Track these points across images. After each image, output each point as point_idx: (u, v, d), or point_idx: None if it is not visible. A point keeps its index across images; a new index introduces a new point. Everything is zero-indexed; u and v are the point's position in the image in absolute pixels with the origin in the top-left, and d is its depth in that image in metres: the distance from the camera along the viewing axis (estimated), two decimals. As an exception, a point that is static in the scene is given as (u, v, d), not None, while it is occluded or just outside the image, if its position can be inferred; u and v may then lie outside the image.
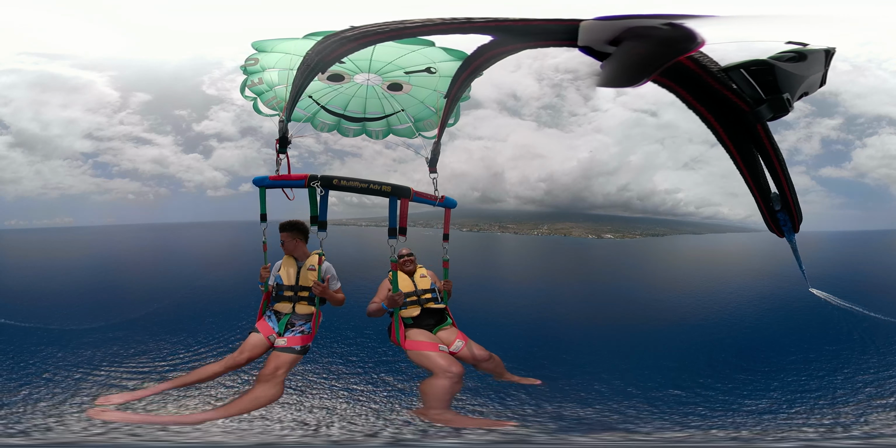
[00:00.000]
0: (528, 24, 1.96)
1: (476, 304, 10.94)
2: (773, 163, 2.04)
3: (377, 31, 2.34)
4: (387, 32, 2.33)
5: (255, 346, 3.95)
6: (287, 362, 3.81)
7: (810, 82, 1.93)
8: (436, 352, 3.88)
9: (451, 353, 3.99)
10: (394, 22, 2.29)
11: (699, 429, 5.07)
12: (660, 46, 1.67)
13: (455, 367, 3.73)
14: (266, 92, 4.61)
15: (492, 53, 2.31)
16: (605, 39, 1.78)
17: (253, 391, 3.63)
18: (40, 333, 8.32)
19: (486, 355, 4.14)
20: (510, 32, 2.06)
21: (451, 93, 2.93)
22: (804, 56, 1.86)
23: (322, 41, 2.74)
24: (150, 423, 3.38)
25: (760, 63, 1.81)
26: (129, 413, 3.49)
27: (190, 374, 3.86)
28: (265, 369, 3.74)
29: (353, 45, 2.58)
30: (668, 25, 1.66)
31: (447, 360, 3.82)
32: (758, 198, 2.16)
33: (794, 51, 1.86)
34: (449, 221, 4.64)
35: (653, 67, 1.68)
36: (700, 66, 1.78)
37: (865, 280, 15.08)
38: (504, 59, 2.36)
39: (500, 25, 2.03)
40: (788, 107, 1.85)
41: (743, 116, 1.87)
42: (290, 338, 3.97)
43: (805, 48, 1.88)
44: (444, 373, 3.69)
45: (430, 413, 3.59)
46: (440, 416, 3.57)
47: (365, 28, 2.39)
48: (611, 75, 1.78)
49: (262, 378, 3.69)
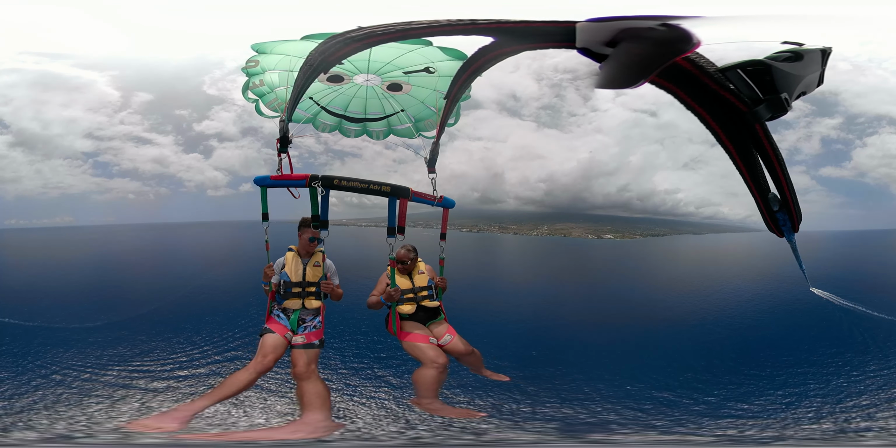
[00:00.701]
0: (527, 26, 1.98)
1: (476, 303, 10.95)
2: (772, 163, 2.04)
3: (383, 32, 2.36)
4: (392, 33, 2.35)
5: (277, 346, 3.99)
6: (314, 357, 3.99)
7: (808, 82, 1.94)
8: (426, 344, 4.19)
9: (440, 346, 4.27)
10: (401, 23, 2.31)
11: (696, 427, 5.08)
12: (656, 47, 1.68)
13: (441, 359, 4.07)
14: (267, 93, 4.64)
15: (492, 55, 2.32)
16: (601, 41, 1.78)
17: (306, 391, 3.74)
18: (44, 333, 8.35)
19: (468, 350, 4.38)
20: (511, 34, 2.08)
21: (451, 93, 2.94)
22: (801, 56, 1.86)
23: (326, 41, 2.75)
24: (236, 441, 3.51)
25: (757, 63, 1.82)
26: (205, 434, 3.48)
27: (223, 387, 3.73)
28: (297, 368, 3.86)
29: (357, 46, 2.60)
30: (663, 26, 1.67)
31: (435, 351, 4.14)
32: (757, 198, 2.17)
33: (790, 51, 1.87)
34: (447, 221, 4.70)
35: (650, 69, 1.69)
36: (697, 67, 1.79)
37: (866, 279, 15.08)
38: (503, 60, 2.38)
39: (501, 27, 2.05)
40: (787, 106, 1.86)
41: (741, 117, 1.88)
42: (307, 334, 4.10)
43: (801, 48, 1.89)
44: (432, 363, 4.03)
45: (422, 402, 3.93)
46: (429, 405, 3.91)
47: (371, 28, 2.41)
48: (609, 76, 1.79)
49: (300, 377, 3.82)
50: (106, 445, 3.99)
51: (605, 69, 1.80)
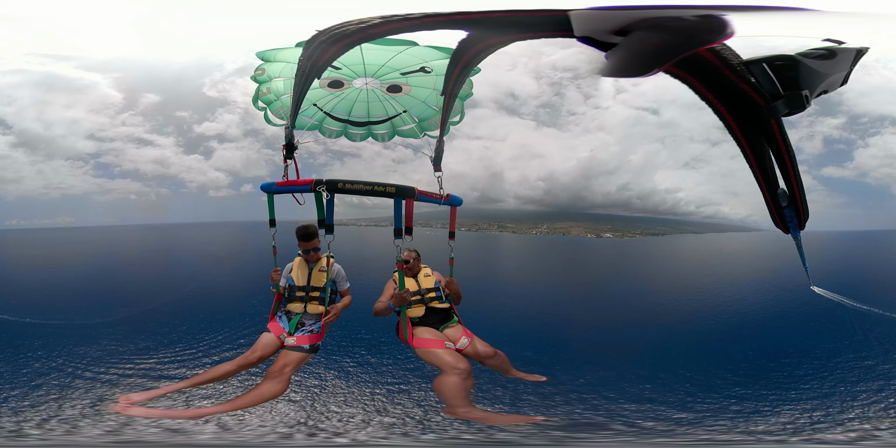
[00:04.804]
0: (512, 16, 1.90)
1: (475, 303, 10.95)
2: (783, 159, 2.01)
3: (346, 34, 2.29)
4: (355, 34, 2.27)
5: (267, 345, 4.10)
6: (295, 361, 3.97)
7: (831, 81, 1.90)
8: (442, 349, 3.98)
9: (458, 350, 4.07)
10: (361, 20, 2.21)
11: (702, 428, 5.09)
12: (678, 37, 1.62)
13: (462, 364, 3.83)
14: (274, 101, 4.69)
15: (479, 48, 2.24)
16: (609, 29, 1.72)
17: (259, 387, 3.82)
18: (48, 331, 8.37)
19: (491, 352, 4.19)
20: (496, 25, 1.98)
21: (447, 90, 2.92)
22: (834, 54, 1.82)
23: (305, 48, 2.76)
24: (167, 418, 3.67)
25: (785, 58, 1.77)
26: (149, 408, 3.74)
27: (204, 374, 4.06)
28: (273, 367, 3.92)
29: (333, 49, 2.55)
30: (697, 16, 1.61)
31: (453, 356, 3.91)
32: (766, 193, 2.15)
33: (825, 48, 1.82)
34: (455, 220, 4.69)
35: (667, 58, 1.64)
36: (720, 58, 1.73)
37: (867, 279, 15.09)
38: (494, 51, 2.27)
39: (470, 19, 1.96)
40: (806, 103, 1.82)
41: (758, 110, 1.84)
42: (300, 337, 4.13)
43: (837, 46, 1.84)
44: (452, 369, 3.77)
45: (458, 411, 3.64)
46: (469, 414, 3.64)
47: (333, 30, 2.36)
48: (618, 65, 1.74)
49: (269, 375, 3.87)
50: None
51: (613, 57, 1.74)
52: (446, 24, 2.00)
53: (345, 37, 2.33)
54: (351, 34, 2.28)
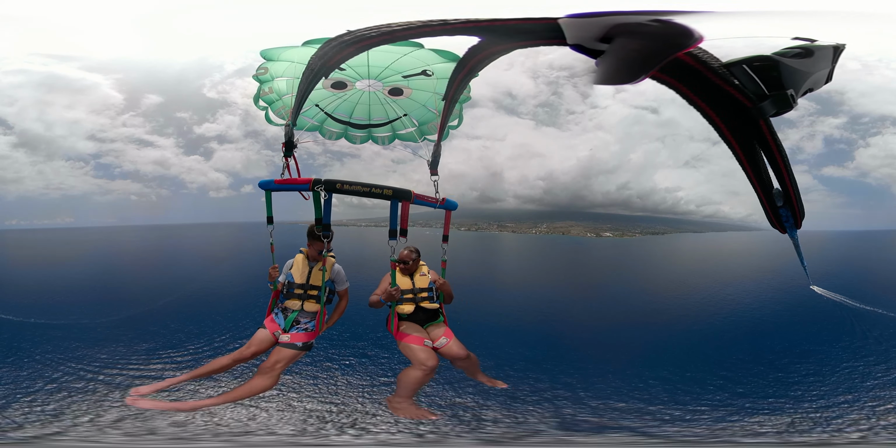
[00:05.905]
0: (509, 24, 1.95)
1: (475, 302, 10.97)
2: (775, 159, 2.00)
3: (371, 35, 2.36)
4: (380, 36, 2.34)
5: (262, 341, 4.21)
6: (287, 357, 4.09)
7: (815, 78, 1.91)
8: (420, 346, 4.19)
9: (435, 348, 4.27)
10: (385, 24, 2.29)
11: (703, 426, 5.09)
12: (655, 43, 1.65)
13: (431, 362, 4.08)
14: (276, 101, 4.69)
15: (484, 54, 2.31)
16: (594, 37, 1.75)
17: (250, 381, 4.00)
18: (50, 330, 8.40)
19: (464, 354, 4.35)
20: (496, 32, 2.05)
21: (449, 95, 2.94)
22: (811, 52, 1.83)
23: (323, 46, 2.79)
24: (170, 410, 4.13)
25: (764, 59, 1.78)
26: (155, 401, 4.12)
27: (203, 367, 4.28)
28: (265, 362, 4.06)
29: (350, 50, 2.61)
30: (656, 22, 1.65)
31: (427, 354, 4.14)
32: (760, 193, 2.15)
33: (800, 47, 1.83)
34: (449, 223, 4.73)
35: (651, 64, 1.66)
36: (700, 62, 1.75)
37: (866, 279, 15.11)
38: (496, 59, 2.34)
39: (482, 26, 2.02)
40: (792, 103, 1.83)
41: (745, 112, 1.85)
42: (294, 334, 4.20)
43: (812, 44, 1.85)
44: (420, 365, 4.04)
45: (393, 400, 4.05)
46: (397, 404, 4.05)
47: (359, 32, 2.42)
48: (608, 72, 1.76)
49: (261, 370, 4.03)
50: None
51: (602, 65, 1.77)
52: (462, 30, 2.05)
53: (368, 38, 2.39)
54: (375, 37, 2.33)
